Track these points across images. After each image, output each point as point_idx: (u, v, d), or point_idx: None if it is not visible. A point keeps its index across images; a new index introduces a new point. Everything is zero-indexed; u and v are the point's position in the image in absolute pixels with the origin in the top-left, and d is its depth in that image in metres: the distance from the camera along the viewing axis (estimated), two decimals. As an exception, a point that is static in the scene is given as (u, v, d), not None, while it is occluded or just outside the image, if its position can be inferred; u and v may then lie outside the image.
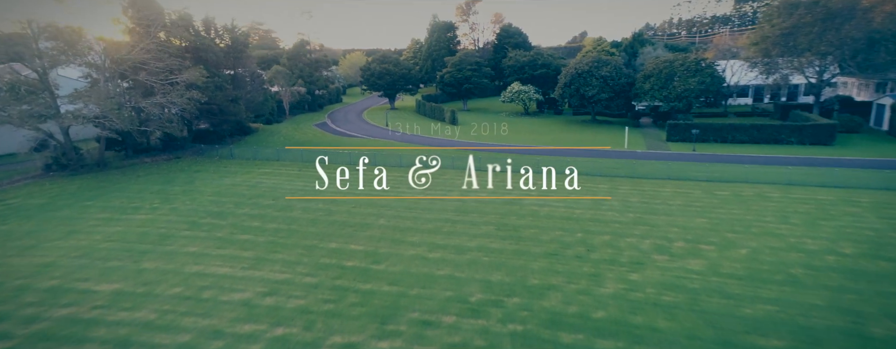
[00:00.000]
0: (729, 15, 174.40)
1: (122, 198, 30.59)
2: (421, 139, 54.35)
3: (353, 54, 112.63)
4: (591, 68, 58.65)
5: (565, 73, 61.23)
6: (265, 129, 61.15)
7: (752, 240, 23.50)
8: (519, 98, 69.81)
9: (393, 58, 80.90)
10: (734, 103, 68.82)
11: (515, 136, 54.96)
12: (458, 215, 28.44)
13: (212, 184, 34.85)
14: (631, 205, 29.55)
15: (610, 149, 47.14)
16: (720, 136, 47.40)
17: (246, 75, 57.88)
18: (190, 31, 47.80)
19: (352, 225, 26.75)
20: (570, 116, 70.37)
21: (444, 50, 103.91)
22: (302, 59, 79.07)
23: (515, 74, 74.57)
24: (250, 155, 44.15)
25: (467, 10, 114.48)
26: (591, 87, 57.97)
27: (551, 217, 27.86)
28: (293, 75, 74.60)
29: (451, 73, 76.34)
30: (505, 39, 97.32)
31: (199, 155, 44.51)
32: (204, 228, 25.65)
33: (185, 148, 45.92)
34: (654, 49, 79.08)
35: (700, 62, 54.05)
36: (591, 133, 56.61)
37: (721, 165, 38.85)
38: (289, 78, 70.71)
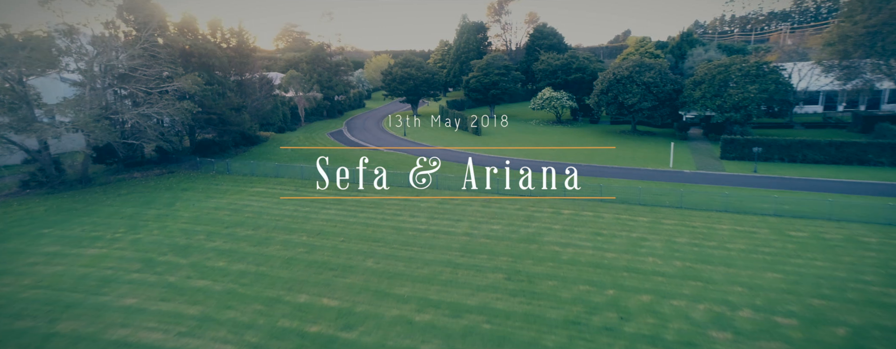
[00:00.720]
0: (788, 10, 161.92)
1: (86, 225, 27.61)
2: (440, 153, 49.92)
3: (379, 57, 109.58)
4: (631, 73, 52.72)
5: (602, 79, 55.48)
6: (275, 138, 58.33)
7: (852, 312, 17.76)
8: (550, 105, 64.39)
9: (416, 62, 76.98)
10: (800, 111, 60.95)
11: (543, 149, 49.71)
12: (462, 256, 23.86)
13: (194, 206, 31.58)
14: (678, 249, 24.10)
15: (652, 168, 41.27)
16: (788, 155, 40.66)
17: (254, 81, 55.23)
18: (187, 36, 45.29)
19: (333, 267, 22.61)
20: (606, 126, 64.36)
21: (473, 52, 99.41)
22: (321, 63, 76.33)
23: (547, 79, 69.14)
24: (248, 170, 40.96)
25: (499, 9, 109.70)
26: (632, 94, 52.03)
27: (576, 262, 22.85)
28: (310, 80, 71.82)
29: (478, 77, 71.69)
30: (538, 41, 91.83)
31: (196, 169, 41.70)
32: (158, 269, 22.07)
33: (182, 161, 43.28)
34: (706, 50, 71.80)
35: (762, 66, 47.26)
36: (630, 147, 50.66)
37: (793, 194, 32.54)
38: (304, 83, 67.88)
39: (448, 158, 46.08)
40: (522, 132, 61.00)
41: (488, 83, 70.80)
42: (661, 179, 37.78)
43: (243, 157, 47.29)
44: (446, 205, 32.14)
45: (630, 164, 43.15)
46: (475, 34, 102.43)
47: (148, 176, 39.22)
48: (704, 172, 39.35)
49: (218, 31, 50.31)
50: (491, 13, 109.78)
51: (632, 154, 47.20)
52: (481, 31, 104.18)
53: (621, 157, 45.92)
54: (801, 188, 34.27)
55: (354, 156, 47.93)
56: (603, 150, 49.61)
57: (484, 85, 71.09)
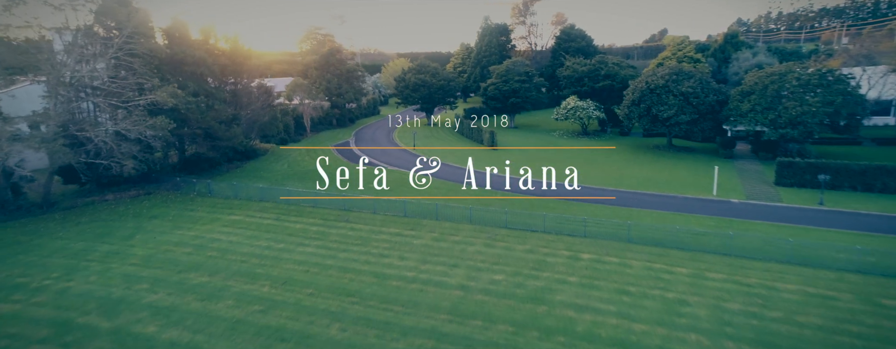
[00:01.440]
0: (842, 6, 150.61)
1: (16, 267, 24.20)
2: (446, 171, 45.29)
3: (396, 61, 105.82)
4: (667, 83, 46.88)
5: (634, 88, 49.78)
6: (275, 152, 54.89)
7: None
8: (575, 116, 58.92)
9: (431, 67, 72.68)
10: (869, 124, 53.39)
11: (563, 167, 44.42)
12: (451, 321, 19.27)
13: (153, 240, 27.92)
14: (729, 322, 18.79)
15: (692, 196, 35.54)
16: (862, 183, 34.24)
17: (251, 89, 51.94)
18: (176, 42, 42.15)
19: (286, 337, 18.34)
20: (638, 138, 58.39)
21: (494, 56, 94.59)
22: (332, 68, 72.84)
23: (572, 87, 63.62)
24: (231, 192, 37.30)
25: (524, 10, 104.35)
26: (668, 106, 46.19)
27: (594, 338, 17.91)
28: (318, 87, 68.39)
29: (497, 84, 66.77)
30: (564, 43, 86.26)
31: (176, 189, 38.34)
32: (67, 339, 18.19)
33: (164, 180, 40.03)
34: (754, 54, 64.77)
35: (825, 75, 40.77)
36: (665, 167, 44.81)
37: (877, 239, 26.46)
38: (310, 90, 64.44)
39: (454, 178, 41.33)
40: (544, 145, 55.71)
41: (508, 90, 65.80)
42: (702, 211, 32.11)
43: (233, 175, 43.83)
44: (443, 242, 27.51)
45: (665, 188, 37.50)
46: (497, 37, 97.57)
47: (121, 198, 36.01)
48: (756, 203, 33.40)
49: (211, 37, 47.20)
50: (515, 14, 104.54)
51: (667, 176, 41.44)
52: (504, 34, 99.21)
53: (655, 179, 40.25)
54: (885, 229, 28.07)
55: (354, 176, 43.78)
56: (634, 169, 43.97)
57: (503, 93, 66.14)
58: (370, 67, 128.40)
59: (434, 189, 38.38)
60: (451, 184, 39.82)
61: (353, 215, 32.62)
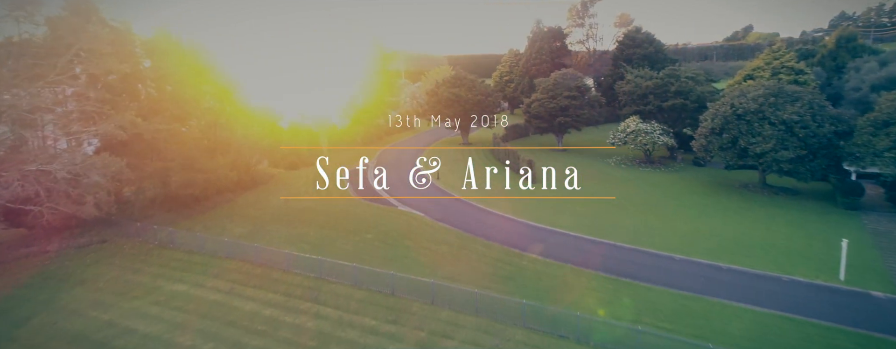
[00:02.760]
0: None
1: None
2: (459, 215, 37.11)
3: (438, 70, 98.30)
4: (761, 107, 36.14)
5: (715, 113, 39.29)
6: (281, 179, 49.02)
7: None
8: (636, 141, 48.82)
9: (468, 80, 64.74)
10: None
11: (615, 214, 34.85)
12: None
13: (49, 329, 21.92)
14: None
15: (803, 279, 25.12)
16: None
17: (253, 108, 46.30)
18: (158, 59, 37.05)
19: None
20: (719, 171, 47.23)
21: (545, 64, 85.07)
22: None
23: (634, 104, 53.42)
24: (194, 244, 31.08)
25: (583, 11, 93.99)
26: (763, 138, 35.48)
27: None
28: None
29: (542, 101, 57.72)
30: (628, 50, 75.43)
31: (138, 236, 32.74)
32: None
33: (126, 223, 34.36)
34: (882, 62, 51.02)
35: None
36: (758, 219, 34.16)
37: None
38: (327, 108, 58.46)
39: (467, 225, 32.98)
40: (595, 179, 45.98)
41: (555, 108, 56.53)
42: (823, 311, 21.90)
43: (217, 214, 38.00)
44: (427, 356, 19.49)
45: (759, 259, 27.26)
46: (550, 42, 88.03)
47: (66, 249, 30.80)
48: (912, 300, 22.63)
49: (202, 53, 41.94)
50: (573, 16, 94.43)
51: (761, 235, 30.97)
52: (558, 39, 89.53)
53: (742, 241, 29.98)
54: None
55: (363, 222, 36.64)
56: (711, 223, 33.73)
57: (549, 110, 56.94)
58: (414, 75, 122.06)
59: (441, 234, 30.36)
60: (462, 235, 31.65)
61: (327, 289, 25.31)
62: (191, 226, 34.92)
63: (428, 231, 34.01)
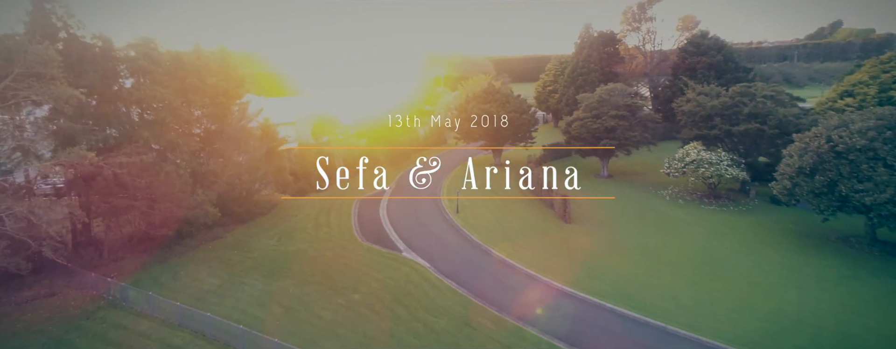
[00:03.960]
0: None
1: None
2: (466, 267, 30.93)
3: (476, 79, 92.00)
4: (872, 142, 27.72)
5: (804, 146, 31.05)
6: (281, 209, 44.76)
7: None
8: (697, 174, 40.90)
9: (501, 94, 58.58)
10: None
11: (669, 276, 27.55)
12: None
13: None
14: None
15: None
16: None
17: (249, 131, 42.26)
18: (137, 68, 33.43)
19: None
20: (805, 212, 38.18)
21: (594, 73, 77.26)
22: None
23: (696, 127, 45.24)
24: (150, 307, 26.52)
25: (640, 13, 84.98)
26: (876, 185, 27.08)
27: None
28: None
29: (585, 121, 50.52)
30: (691, 57, 66.80)
31: (93, 289, 28.79)
32: None
33: (77, 271, 30.38)
34: None
35: None
36: (870, 299, 25.85)
37: None
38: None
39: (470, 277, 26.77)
40: (643, 221, 38.42)
41: (599, 130, 49.22)
42: None
43: (194, 257, 33.77)
44: None
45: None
46: (601, 48, 79.99)
47: (5, 307, 27.15)
48: None
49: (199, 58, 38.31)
50: (627, 19, 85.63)
51: (880, 328, 22.87)
52: (610, 44, 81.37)
53: (854, 337, 22.05)
54: None
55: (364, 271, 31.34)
56: (796, 294, 25.85)
57: (592, 132, 49.68)
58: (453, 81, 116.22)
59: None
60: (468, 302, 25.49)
61: None
62: (158, 275, 30.80)
63: (429, 292, 28.19)
